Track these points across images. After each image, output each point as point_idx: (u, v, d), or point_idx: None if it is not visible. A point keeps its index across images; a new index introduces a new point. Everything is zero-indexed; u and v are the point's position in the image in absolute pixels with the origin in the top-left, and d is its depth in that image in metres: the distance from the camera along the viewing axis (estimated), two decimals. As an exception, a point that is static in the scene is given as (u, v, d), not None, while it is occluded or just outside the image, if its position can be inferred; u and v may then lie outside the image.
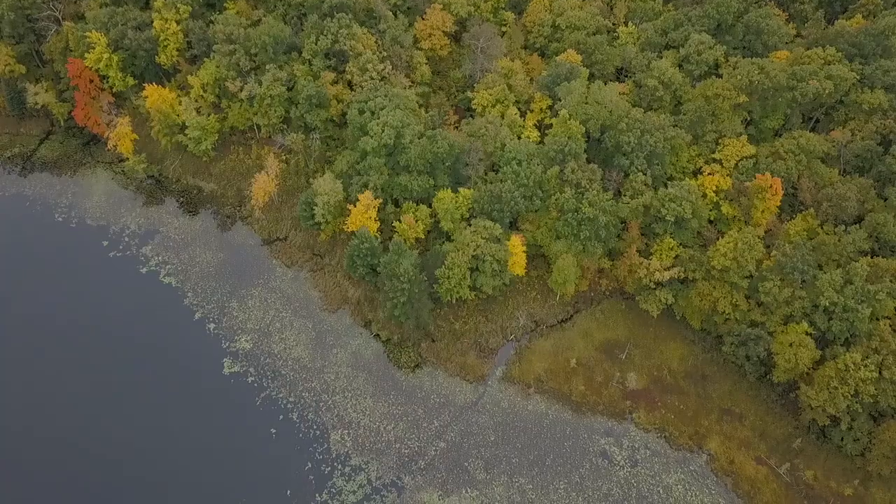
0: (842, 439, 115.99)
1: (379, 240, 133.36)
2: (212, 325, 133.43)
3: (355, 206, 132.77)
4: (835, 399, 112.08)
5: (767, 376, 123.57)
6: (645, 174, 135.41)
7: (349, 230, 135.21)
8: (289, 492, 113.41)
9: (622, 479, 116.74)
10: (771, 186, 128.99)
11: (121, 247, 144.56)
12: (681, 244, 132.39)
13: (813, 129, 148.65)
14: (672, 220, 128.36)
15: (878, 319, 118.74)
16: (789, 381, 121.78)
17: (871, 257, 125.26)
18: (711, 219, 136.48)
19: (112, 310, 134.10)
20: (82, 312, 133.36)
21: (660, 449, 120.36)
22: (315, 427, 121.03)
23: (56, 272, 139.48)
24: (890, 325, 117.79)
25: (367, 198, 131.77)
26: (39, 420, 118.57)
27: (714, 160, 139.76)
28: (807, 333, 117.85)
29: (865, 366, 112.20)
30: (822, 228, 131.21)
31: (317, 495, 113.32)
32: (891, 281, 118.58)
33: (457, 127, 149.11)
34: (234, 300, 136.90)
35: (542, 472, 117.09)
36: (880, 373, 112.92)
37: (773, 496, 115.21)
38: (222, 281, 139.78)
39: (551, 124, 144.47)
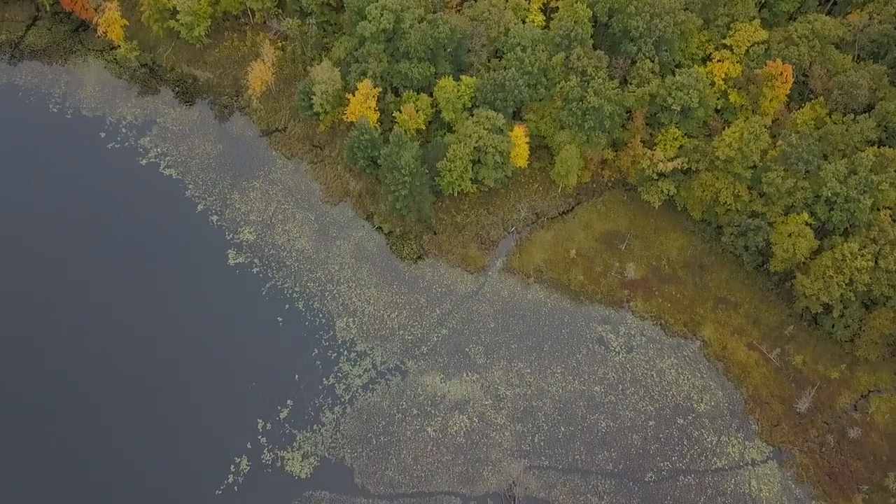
0: (833, 326, 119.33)
1: (379, 131, 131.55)
2: (214, 217, 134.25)
3: (354, 95, 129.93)
4: (829, 288, 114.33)
5: (764, 266, 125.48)
6: (652, 61, 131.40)
7: (348, 120, 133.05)
8: (297, 376, 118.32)
9: (617, 364, 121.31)
10: (781, 74, 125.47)
11: (118, 138, 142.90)
12: (686, 134, 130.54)
13: (829, 13, 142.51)
14: (678, 109, 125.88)
15: (878, 209, 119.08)
16: (786, 271, 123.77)
17: (878, 147, 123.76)
18: (718, 108, 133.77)
19: (114, 203, 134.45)
20: (84, 206, 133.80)
21: (655, 336, 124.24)
22: (321, 315, 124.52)
23: (55, 165, 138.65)
24: (890, 216, 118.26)
25: (366, 86, 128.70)
26: (42, 314, 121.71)
27: (724, 46, 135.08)
28: (806, 224, 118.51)
29: (862, 255, 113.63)
30: (830, 117, 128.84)
31: (324, 379, 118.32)
32: (895, 171, 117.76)
33: (459, 10, 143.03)
34: (236, 192, 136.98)
35: (539, 357, 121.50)
36: (876, 262, 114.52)
37: (762, 379, 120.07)
38: (223, 173, 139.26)
39: (557, 8, 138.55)
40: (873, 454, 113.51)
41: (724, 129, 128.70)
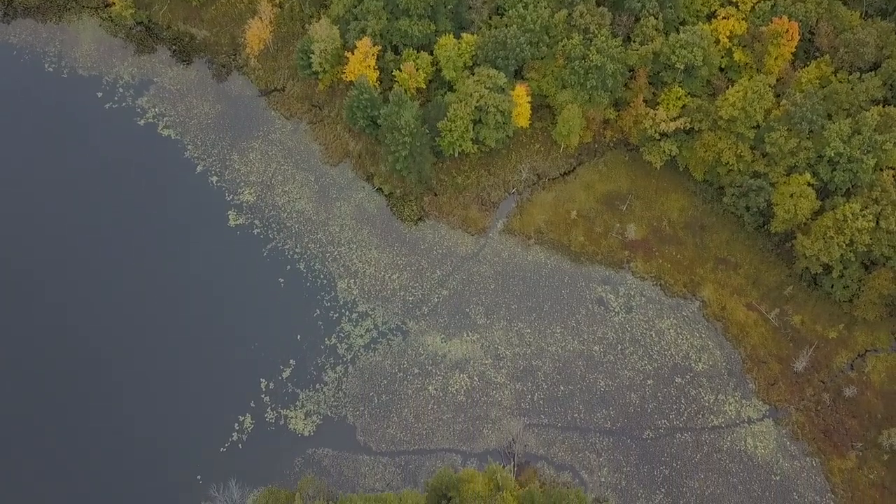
0: (832, 286, 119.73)
1: (379, 90, 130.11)
2: (214, 178, 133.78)
3: (353, 53, 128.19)
4: (829, 248, 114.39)
5: (765, 227, 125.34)
6: (656, 18, 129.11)
7: (347, 79, 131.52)
8: (299, 336, 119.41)
9: (617, 324, 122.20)
10: (787, 31, 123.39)
11: (116, 98, 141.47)
12: (689, 93, 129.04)
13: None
14: (682, 67, 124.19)
15: (881, 170, 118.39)
16: (786, 232, 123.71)
17: (883, 106, 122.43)
18: (722, 66, 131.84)
19: (113, 164, 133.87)
20: (84, 167, 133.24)
21: (655, 296, 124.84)
22: (322, 276, 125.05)
23: (53, 126, 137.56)
24: (893, 176, 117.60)
25: (365, 45, 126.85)
26: (43, 278, 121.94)
27: (730, 2, 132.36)
28: (808, 184, 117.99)
29: (863, 216, 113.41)
30: (835, 76, 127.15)
31: (326, 339, 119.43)
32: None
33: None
34: (235, 153, 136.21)
35: (539, 317, 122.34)
36: (877, 223, 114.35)
37: (760, 339, 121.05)
38: (222, 133, 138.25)
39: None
40: (868, 412, 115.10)
41: (727, 88, 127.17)
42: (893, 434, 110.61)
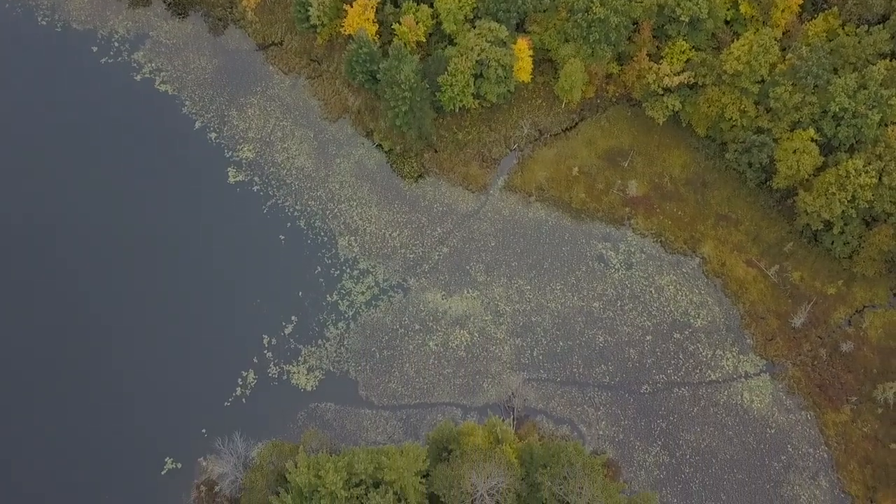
0: (832, 243, 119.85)
1: (378, 44, 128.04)
2: (213, 135, 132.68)
3: (352, 6, 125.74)
4: (831, 204, 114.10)
5: (767, 183, 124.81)
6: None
7: (346, 33, 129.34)
8: (300, 293, 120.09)
9: (616, 281, 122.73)
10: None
11: (111, 53, 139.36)
12: (693, 47, 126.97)
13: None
14: (686, 20, 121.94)
15: (886, 125, 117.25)
16: (788, 188, 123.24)
17: (891, 60, 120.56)
18: (728, 19, 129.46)
19: (111, 120, 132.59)
20: (80, 124, 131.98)
21: (655, 253, 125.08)
22: (322, 234, 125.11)
23: (47, 82, 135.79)
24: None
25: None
26: (42, 238, 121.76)
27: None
28: (812, 140, 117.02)
29: (866, 172, 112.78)
30: (843, 29, 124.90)
31: (327, 296, 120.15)
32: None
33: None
34: (234, 109, 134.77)
35: (539, 274, 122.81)
36: (880, 179, 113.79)
37: (759, 295, 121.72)
38: (219, 88, 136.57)
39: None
40: (864, 367, 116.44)
41: (732, 41, 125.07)
42: (888, 388, 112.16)
